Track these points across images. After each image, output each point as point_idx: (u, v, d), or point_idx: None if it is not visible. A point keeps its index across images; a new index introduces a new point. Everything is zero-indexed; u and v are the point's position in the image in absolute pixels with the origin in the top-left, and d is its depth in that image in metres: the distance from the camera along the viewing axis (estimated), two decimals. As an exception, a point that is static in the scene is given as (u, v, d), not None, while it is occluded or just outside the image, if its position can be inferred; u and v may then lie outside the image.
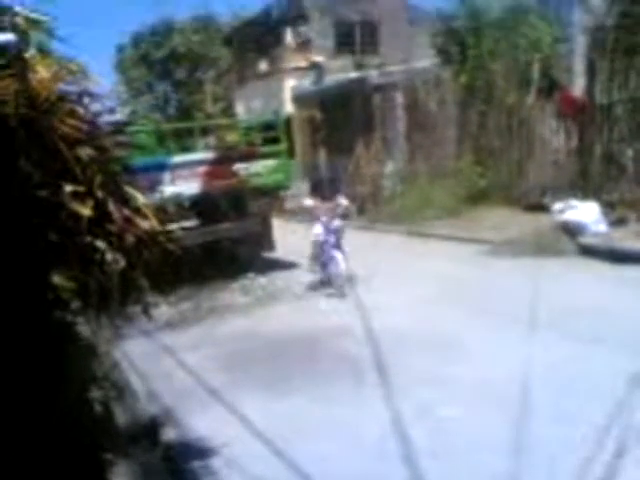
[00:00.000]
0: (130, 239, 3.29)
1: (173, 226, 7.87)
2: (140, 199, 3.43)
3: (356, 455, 3.88)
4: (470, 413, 4.29)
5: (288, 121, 15.04)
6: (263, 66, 24.89)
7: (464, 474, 3.60)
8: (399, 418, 4.23)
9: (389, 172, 14.90)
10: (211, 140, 11.69)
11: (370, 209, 14.26)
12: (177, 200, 8.17)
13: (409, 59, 18.67)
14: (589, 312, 6.25)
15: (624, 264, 7.95)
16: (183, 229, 8.62)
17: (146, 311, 3.65)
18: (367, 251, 10.26)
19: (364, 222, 13.73)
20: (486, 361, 5.27)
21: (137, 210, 3.38)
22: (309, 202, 8.80)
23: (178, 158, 9.19)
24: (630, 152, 10.79)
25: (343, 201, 8.69)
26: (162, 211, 3.63)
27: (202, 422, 4.44)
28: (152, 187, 7.86)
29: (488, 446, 3.81)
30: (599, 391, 4.37)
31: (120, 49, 34.36)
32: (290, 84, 22.07)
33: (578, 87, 12.02)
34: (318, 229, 8.46)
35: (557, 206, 9.85)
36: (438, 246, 10.73)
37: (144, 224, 3.36)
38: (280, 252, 10.15)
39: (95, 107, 3.19)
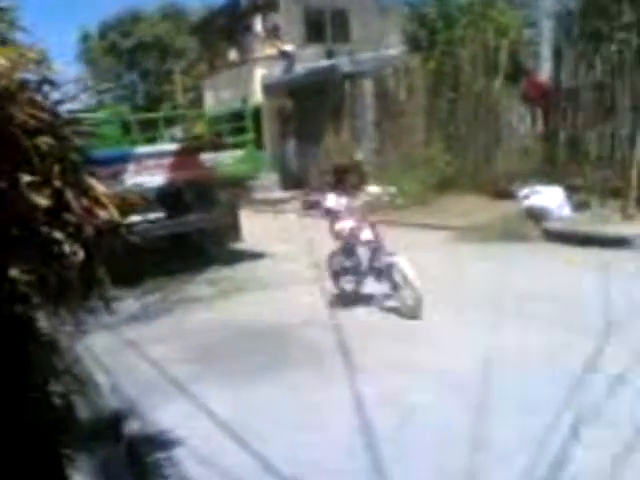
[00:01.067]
0: (89, 230, 3.25)
1: (138, 218, 7.82)
2: (99, 188, 3.38)
3: (323, 443, 3.89)
4: (436, 400, 4.32)
5: (257, 111, 14.95)
6: (233, 55, 24.69)
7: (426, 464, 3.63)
8: (365, 406, 4.25)
9: (359, 161, 14.89)
10: (178, 131, 11.61)
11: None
12: (141, 191, 8.06)
13: (379, 47, 18.67)
14: (551, 296, 6.35)
15: (586, 247, 8.07)
16: (149, 221, 8.55)
17: (107, 305, 3.62)
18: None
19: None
20: (452, 347, 5.32)
21: (96, 200, 3.34)
22: (331, 202, 6.68)
23: (143, 149, 9.11)
24: (593, 137, 10.92)
25: (374, 188, 7.05)
26: (126, 203, 3.57)
27: (167, 415, 4.42)
28: (115, 178, 7.78)
29: (452, 436, 3.85)
30: (561, 376, 4.42)
31: (85, 38, 33.89)
32: (260, 73, 21.93)
33: (545, 72, 12.13)
34: (342, 227, 6.72)
35: (523, 192, 9.97)
36: (409, 233, 10.75)
37: (103, 214, 3.32)
38: (248, 243, 10.11)
39: (56, 95, 3.14)
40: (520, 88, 12.44)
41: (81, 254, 3.17)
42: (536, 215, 9.41)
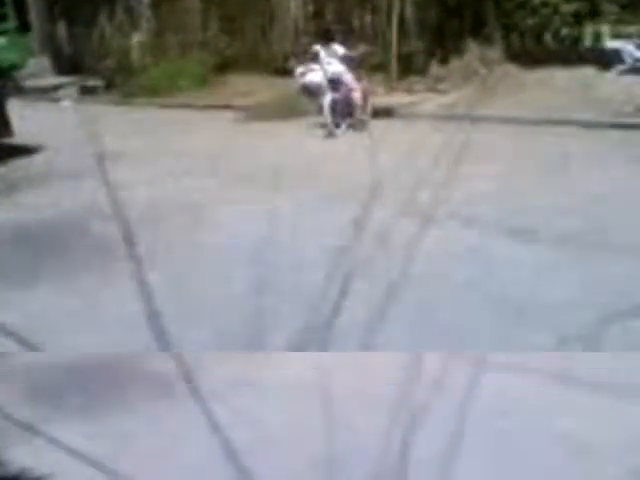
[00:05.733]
0: None
1: None
2: None
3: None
4: (217, 273, 4.62)
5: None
6: None
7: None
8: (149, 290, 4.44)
9: (136, 44, 14.26)
10: None
11: (120, 83, 13.69)
12: None
13: None
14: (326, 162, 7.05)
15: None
16: None
17: None
18: (120, 127, 10.02)
19: (116, 97, 13.25)
20: (235, 226, 5.59)
21: None
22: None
23: None
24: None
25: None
26: None
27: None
28: None
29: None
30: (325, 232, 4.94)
31: None
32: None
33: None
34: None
35: (299, 70, 10.28)
36: (193, 116, 10.81)
37: None
38: (22, 137, 9.46)
39: None
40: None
41: None
42: (312, 91, 9.85)
